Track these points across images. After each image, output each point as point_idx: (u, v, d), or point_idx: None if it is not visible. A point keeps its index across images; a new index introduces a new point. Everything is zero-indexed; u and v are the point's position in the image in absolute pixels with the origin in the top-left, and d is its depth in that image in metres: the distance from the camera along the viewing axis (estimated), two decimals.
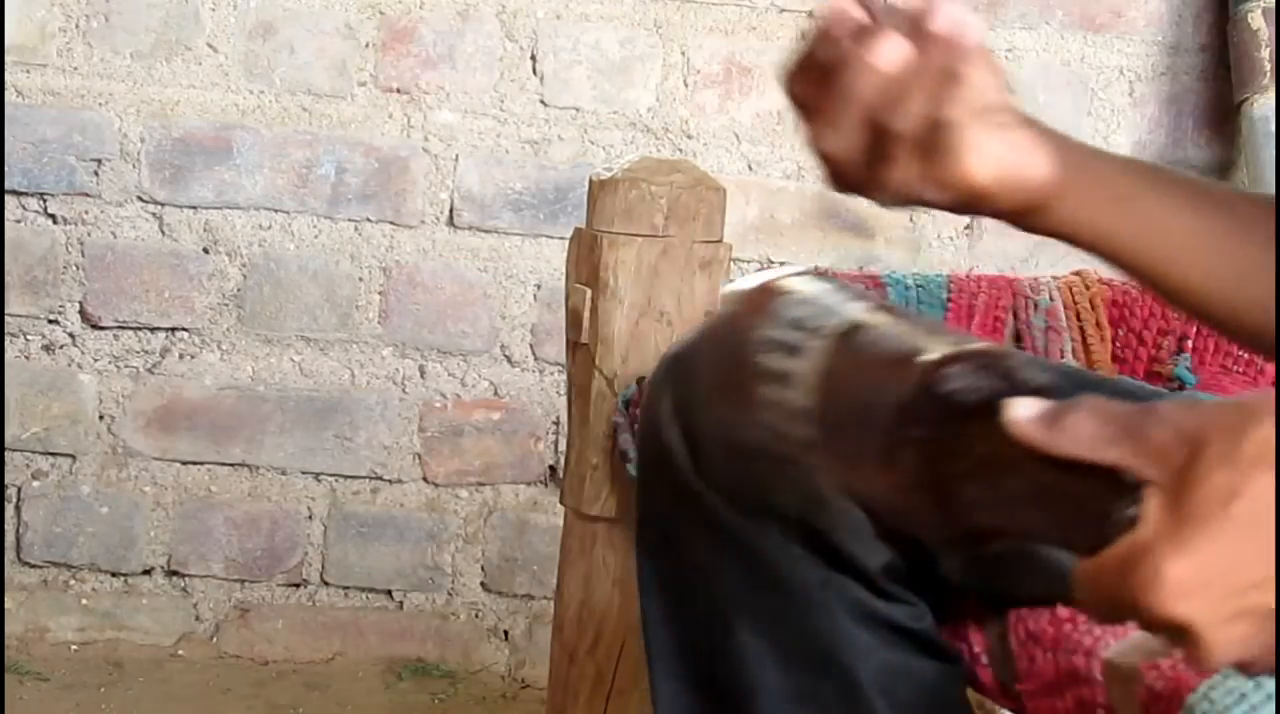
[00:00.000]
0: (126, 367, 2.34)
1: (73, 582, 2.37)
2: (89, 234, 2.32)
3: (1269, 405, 0.80)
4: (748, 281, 1.14)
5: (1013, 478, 0.86)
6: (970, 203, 1.00)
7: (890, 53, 0.95)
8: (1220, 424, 0.80)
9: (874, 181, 0.98)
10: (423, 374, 2.38)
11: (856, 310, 1.03)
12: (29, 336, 2.33)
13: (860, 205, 2.40)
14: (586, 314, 1.52)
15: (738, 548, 1.14)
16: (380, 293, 2.36)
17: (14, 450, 2.34)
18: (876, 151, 0.97)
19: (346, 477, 2.38)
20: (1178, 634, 0.79)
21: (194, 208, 2.33)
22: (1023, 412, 0.84)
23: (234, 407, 2.36)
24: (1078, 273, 1.78)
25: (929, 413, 0.92)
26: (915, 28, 0.96)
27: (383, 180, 2.35)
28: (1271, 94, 2.33)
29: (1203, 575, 0.78)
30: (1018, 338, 1.69)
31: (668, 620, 1.19)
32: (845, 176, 0.99)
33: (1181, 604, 0.78)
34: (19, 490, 2.35)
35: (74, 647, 2.36)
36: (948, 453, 0.90)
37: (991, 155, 0.98)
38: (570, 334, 1.55)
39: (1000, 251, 2.41)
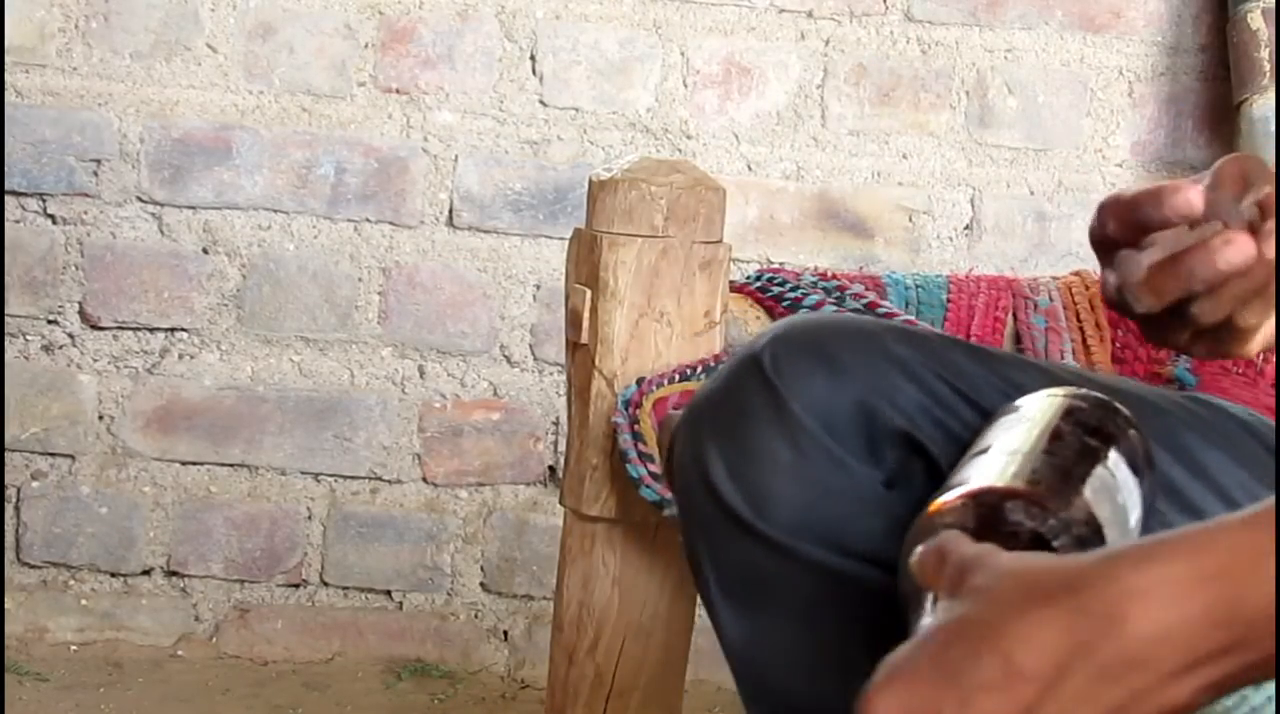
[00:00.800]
0: (126, 367, 2.34)
1: (72, 582, 2.37)
2: (88, 234, 2.32)
3: (1005, 569, 0.80)
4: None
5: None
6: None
7: (1240, 254, 1.00)
8: (969, 571, 0.81)
9: (1157, 329, 1.05)
10: (422, 374, 2.38)
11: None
12: (29, 337, 2.33)
13: (859, 205, 2.40)
14: (586, 314, 1.52)
15: (843, 585, 1.12)
16: (380, 293, 2.36)
17: (14, 450, 2.34)
18: (1176, 315, 1.03)
19: (346, 477, 2.38)
20: None
21: (193, 208, 2.33)
22: (916, 554, 0.87)
23: (233, 407, 2.36)
24: (1077, 273, 1.77)
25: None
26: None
27: (382, 180, 2.35)
28: (1271, 94, 2.33)
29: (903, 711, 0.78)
30: (1017, 338, 1.69)
31: (764, 653, 1.16)
32: (1128, 313, 1.05)
33: None
34: (18, 491, 2.35)
35: (73, 647, 2.36)
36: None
37: (1264, 338, 1.05)
38: (570, 334, 1.55)
39: (1000, 252, 2.41)
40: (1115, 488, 1.02)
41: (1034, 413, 1.08)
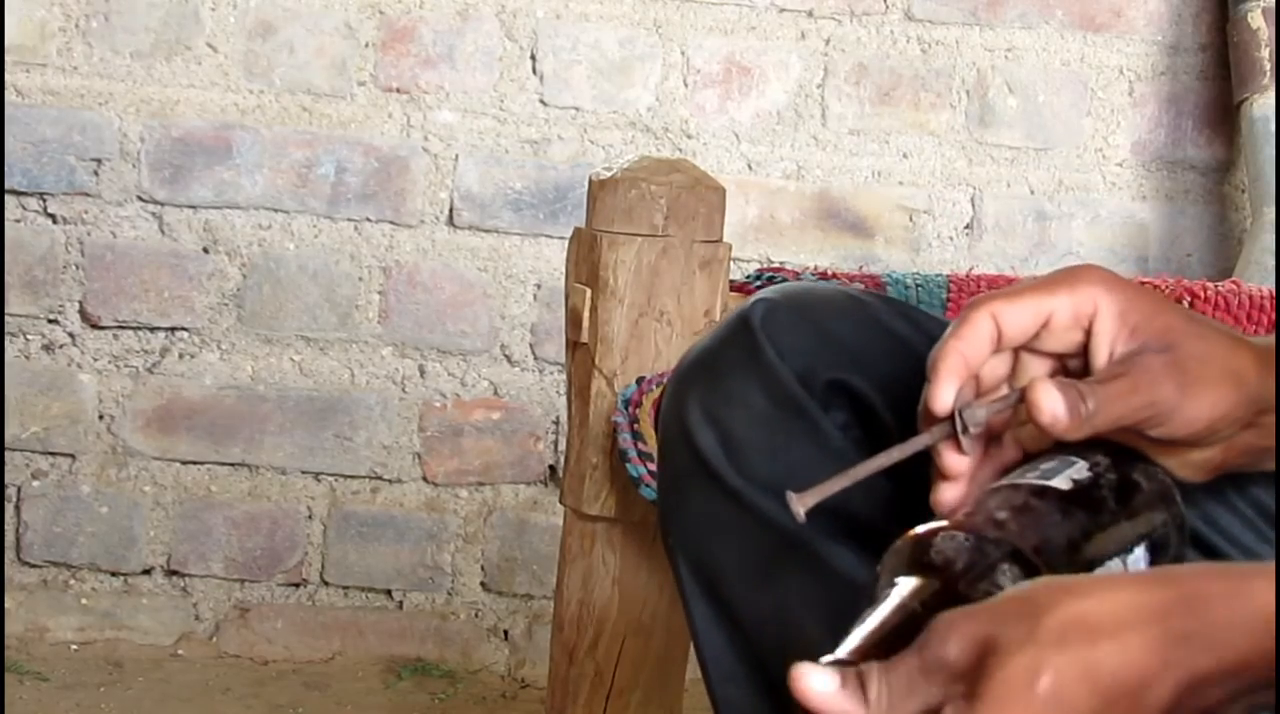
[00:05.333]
0: (126, 366, 2.34)
1: (72, 581, 2.37)
2: (89, 234, 2.32)
3: (1057, 593, 0.80)
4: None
5: None
6: None
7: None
8: (1009, 616, 0.80)
9: None
10: (422, 374, 2.38)
11: None
12: (29, 336, 2.33)
13: (860, 205, 2.40)
14: (586, 314, 1.52)
15: (795, 545, 1.11)
16: (380, 293, 2.36)
17: (14, 450, 2.34)
18: None
19: (346, 476, 2.38)
20: None
21: (194, 207, 2.33)
22: (815, 680, 0.83)
23: (234, 406, 2.36)
24: None
25: None
26: None
27: (382, 180, 2.35)
28: (1271, 94, 2.33)
29: None
30: None
31: (720, 625, 1.16)
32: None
33: None
34: (19, 490, 2.35)
35: (74, 646, 2.36)
36: None
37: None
38: (570, 334, 1.55)
39: (1000, 251, 2.41)
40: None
41: (1080, 471, 1.00)
